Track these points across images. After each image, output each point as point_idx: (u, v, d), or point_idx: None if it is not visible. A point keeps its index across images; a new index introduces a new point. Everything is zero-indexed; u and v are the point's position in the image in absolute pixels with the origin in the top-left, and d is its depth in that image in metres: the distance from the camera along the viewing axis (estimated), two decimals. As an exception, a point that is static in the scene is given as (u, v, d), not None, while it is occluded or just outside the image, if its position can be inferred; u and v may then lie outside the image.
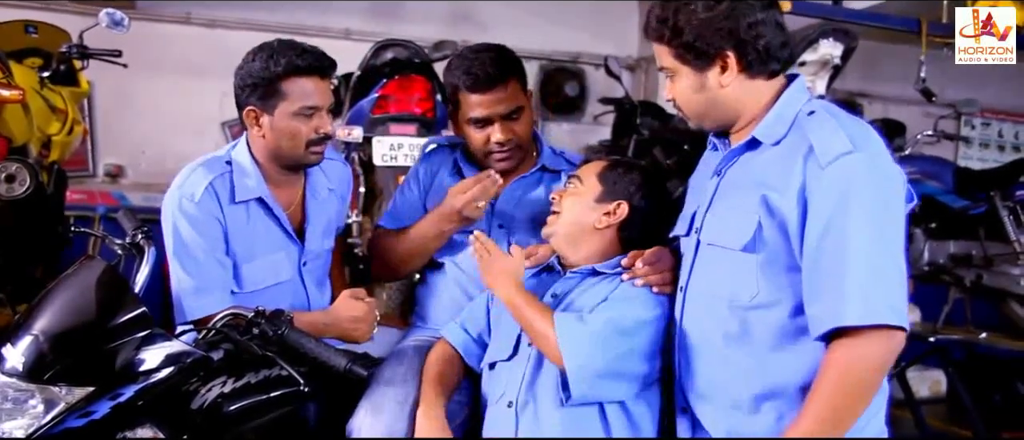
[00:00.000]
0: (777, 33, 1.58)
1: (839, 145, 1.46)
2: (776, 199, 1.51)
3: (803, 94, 1.62)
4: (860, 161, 1.45)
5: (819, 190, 1.46)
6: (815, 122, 1.53)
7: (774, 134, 1.58)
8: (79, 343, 1.60)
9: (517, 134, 2.10)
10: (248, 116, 2.04)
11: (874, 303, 1.41)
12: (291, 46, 2.01)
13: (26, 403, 1.54)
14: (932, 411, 4.55)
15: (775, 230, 1.52)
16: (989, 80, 6.06)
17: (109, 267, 1.76)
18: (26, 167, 3.01)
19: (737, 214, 1.58)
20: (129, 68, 3.58)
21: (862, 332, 1.41)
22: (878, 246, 1.43)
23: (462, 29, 5.35)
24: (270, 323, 1.76)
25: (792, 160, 1.50)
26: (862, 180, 1.44)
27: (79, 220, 3.78)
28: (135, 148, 5.10)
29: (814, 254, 1.46)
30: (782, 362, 1.54)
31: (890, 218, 1.46)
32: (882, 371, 1.47)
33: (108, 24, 3.27)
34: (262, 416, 1.78)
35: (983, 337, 3.72)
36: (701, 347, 1.65)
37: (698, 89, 1.61)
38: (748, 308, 1.56)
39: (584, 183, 1.87)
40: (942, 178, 3.94)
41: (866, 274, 1.42)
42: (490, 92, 2.05)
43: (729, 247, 1.58)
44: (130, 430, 1.58)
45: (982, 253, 3.77)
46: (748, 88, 1.60)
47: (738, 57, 1.57)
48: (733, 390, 1.59)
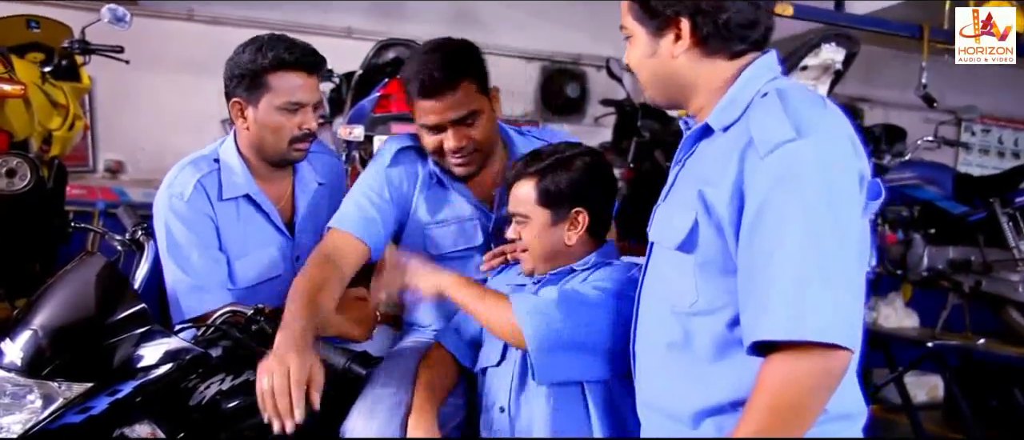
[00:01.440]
0: (746, 9, 1.40)
1: (780, 132, 1.26)
2: (712, 195, 1.34)
3: (767, 73, 1.41)
4: (803, 149, 1.24)
5: (754, 184, 1.27)
6: (760, 107, 1.34)
7: (725, 118, 1.40)
8: (78, 339, 1.61)
9: (473, 139, 1.96)
10: (234, 108, 2.06)
11: (802, 316, 1.20)
12: (281, 40, 2.03)
13: (24, 398, 1.54)
14: (929, 416, 4.57)
15: (711, 229, 1.35)
16: (990, 86, 6.07)
17: (109, 263, 1.77)
18: (27, 162, 3.00)
19: (677, 210, 1.42)
20: (131, 64, 3.57)
21: (794, 349, 1.21)
22: (815, 249, 1.22)
23: (464, 29, 5.31)
24: (269, 321, 1.76)
25: (733, 150, 1.32)
26: (804, 171, 1.24)
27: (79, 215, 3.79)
28: (135, 144, 5.09)
29: (745, 256, 1.29)
30: (723, 376, 1.36)
31: (836, 217, 1.24)
32: (818, 394, 1.24)
33: (110, 20, 3.27)
34: (260, 414, 1.78)
35: (981, 343, 3.71)
36: (647, 353, 1.52)
37: (649, 55, 1.46)
38: (689, 314, 1.39)
39: (530, 215, 1.79)
40: (942, 184, 3.94)
41: (796, 282, 1.21)
42: (438, 98, 1.91)
43: (667, 245, 1.43)
44: (128, 427, 1.59)
45: (981, 259, 3.76)
46: (703, 65, 1.42)
47: (692, 27, 1.39)
48: (674, 402, 1.44)
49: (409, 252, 2.06)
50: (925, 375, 4.93)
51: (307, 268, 1.87)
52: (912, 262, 4.02)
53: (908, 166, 4.13)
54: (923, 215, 4.03)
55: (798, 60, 3.67)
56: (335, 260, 1.91)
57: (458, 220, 2.08)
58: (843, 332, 1.21)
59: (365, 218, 1.99)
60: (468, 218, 2.08)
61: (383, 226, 2.01)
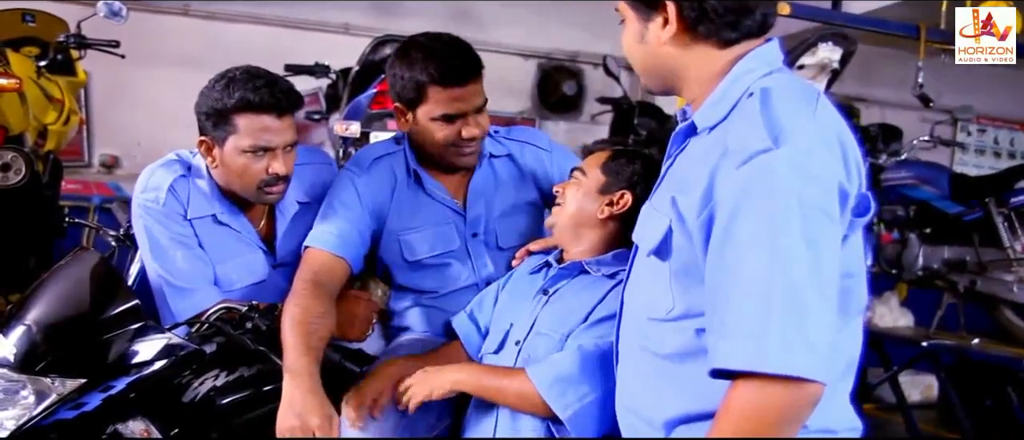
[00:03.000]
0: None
1: (756, 141, 1.17)
2: (683, 203, 1.27)
3: (762, 67, 1.32)
4: (779, 160, 1.15)
5: (724, 197, 1.19)
6: (742, 110, 1.25)
7: (711, 117, 1.32)
8: (72, 335, 1.60)
9: (483, 128, 1.99)
10: (200, 146, 1.95)
11: (764, 346, 1.11)
12: (253, 77, 1.89)
13: (17, 394, 1.54)
14: (923, 416, 4.58)
15: (684, 237, 1.27)
16: (986, 87, 6.08)
17: (103, 259, 1.76)
18: (22, 156, 3.00)
19: (655, 215, 1.36)
20: (126, 59, 3.57)
21: (759, 378, 1.12)
22: (782, 272, 1.12)
23: (460, 26, 5.33)
24: (263, 317, 1.76)
25: (708, 157, 1.24)
26: (776, 185, 1.14)
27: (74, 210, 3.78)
28: (131, 139, 5.08)
29: (711, 274, 1.20)
30: (697, 385, 1.25)
31: (808, 236, 1.13)
32: (785, 426, 1.14)
33: (106, 14, 3.26)
34: (254, 410, 1.78)
35: (976, 343, 3.72)
36: (626, 357, 1.48)
37: (639, 40, 1.39)
38: (664, 321, 1.33)
39: (587, 174, 1.83)
40: (937, 183, 3.95)
41: (759, 307, 1.12)
42: (466, 85, 1.92)
43: (644, 251, 1.38)
44: (122, 423, 1.59)
45: (976, 259, 3.77)
46: (692, 52, 1.34)
47: (678, 11, 1.31)
48: (648, 408, 1.40)
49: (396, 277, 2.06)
50: (920, 374, 4.94)
51: (296, 295, 1.80)
52: (907, 261, 4.03)
53: (904, 166, 4.13)
54: (919, 215, 4.03)
55: (795, 59, 3.67)
56: (322, 282, 1.86)
57: (433, 224, 2.05)
58: (810, 364, 1.12)
59: (342, 235, 1.94)
60: (443, 221, 2.06)
61: (360, 238, 1.98)
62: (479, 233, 2.06)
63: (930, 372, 4.61)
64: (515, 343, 1.79)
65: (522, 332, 1.79)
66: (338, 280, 1.92)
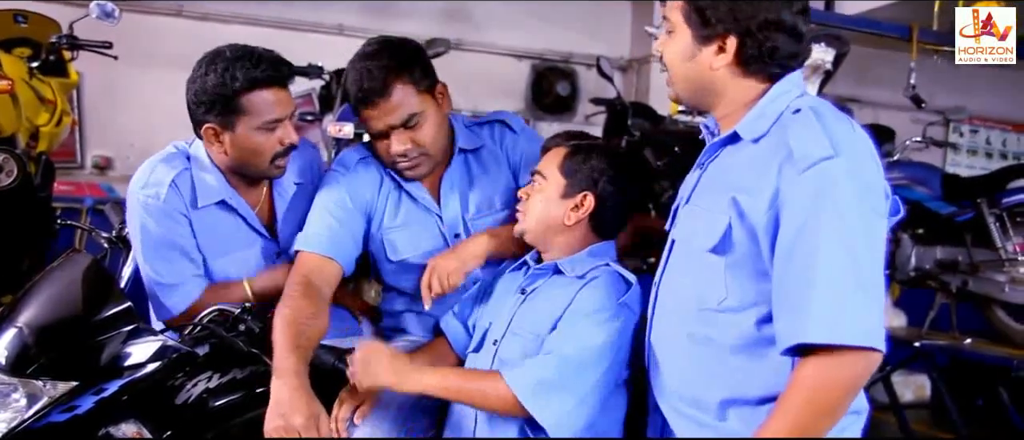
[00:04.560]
0: (791, 42, 1.47)
1: (819, 149, 1.34)
2: (747, 203, 1.42)
3: (795, 89, 1.49)
4: (840, 167, 1.33)
5: (793, 197, 1.35)
6: (798, 123, 1.40)
7: (755, 130, 1.47)
8: (64, 337, 1.60)
9: (418, 143, 1.94)
10: (207, 133, 1.94)
11: (843, 322, 1.30)
12: (246, 55, 1.90)
13: (9, 397, 1.54)
14: (916, 415, 4.59)
15: (744, 234, 1.43)
16: (978, 87, 6.10)
17: (95, 261, 1.76)
18: (14, 158, 2.99)
19: (708, 214, 1.49)
20: (119, 60, 3.56)
21: (832, 351, 1.30)
22: (851, 260, 1.31)
23: (455, 27, 5.34)
24: (256, 320, 1.76)
25: (769, 162, 1.40)
26: (840, 188, 1.33)
27: (66, 212, 3.77)
28: (123, 140, 5.07)
29: (783, 265, 1.36)
30: (750, 369, 1.46)
31: (867, 231, 1.34)
32: (852, 393, 1.35)
33: (99, 15, 3.25)
34: (247, 412, 1.78)
35: (968, 343, 3.73)
36: (669, 347, 1.58)
37: (688, 58, 1.51)
38: (716, 311, 1.47)
39: (547, 177, 1.80)
40: (930, 184, 3.96)
41: (836, 290, 1.30)
42: (373, 106, 1.90)
43: (697, 247, 1.49)
44: (114, 425, 1.58)
45: (968, 259, 3.78)
46: (738, 81, 1.50)
47: (739, 46, 1.46)
48: (699, 393, 1.52)
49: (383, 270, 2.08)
50: (912, 374, 4.96)
51: (287, 297, 1.80)
52: (900, 262, 4.03)
53: (896, 166, 4.14)
54: (911, 215, 4.04)
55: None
56: (314, 283, 1.86)
57: (415, 223, 2.05)
58: (878, 335, 1.31)
59: (332, 236, 1.95)
60: (425, 221, 2.06)
61: (351, 239, 1.99)
62: (461, 233, 2.06)
63: (923, 372, 4.63)
64: (493, 343, 1.79)
65: (499, 331, 1.79)
66: (330, 282, 1.92)
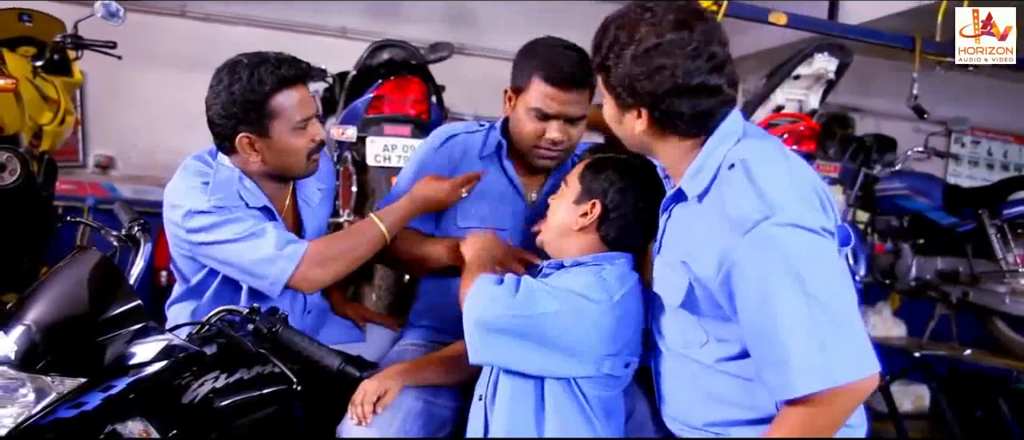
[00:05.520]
0: (703, 100, 1.50)
1: (753, 211, 1.39)
2: (698, 268, 1.50)
3: (730, 136, 1.54)
4: (776, 225, 1.37)
5: (739, 261, 1.40)
6: (731, 183, 1.46)
7: (696, 187, 1.54)
8: (72, 334, 1.59)
9: (571, 138, 2.07)
10: (241, 143, 1.92)
11: (828, 368, 1.33)
12: (265, 59, 1.90)
13: (17, 392, 1.53)
14: (915, 426, 4.58)
15: (703, 292, 1.51)
16: (980, 99, 6.13)
17: (105, 258, 1.75)
18: (17, 156, 3.00)
19: (672, 272, 1.57)
20: (123, 60, 3.57)
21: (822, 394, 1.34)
22: (814, 306, 1.34)
23: (458, 31, 5.34)
24: (264, 320, 1.75)
25: (713, 226, 1.46)
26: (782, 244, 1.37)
27: (68, 211, 3.77)
28: (126, 140, 5.08)
29: (751, 328, 1.41)
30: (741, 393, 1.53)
31: (822, 277, 1.37)
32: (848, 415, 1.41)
33: (103, 15, 3.26)
34: (253, 413, 1.77)
35: (967, 354, 3.74)
36: (665, 364, 1.68)
37: (617, 122, 1.62)
38: (701, 349, 1.58)
39: (569, 185, 1.84)
40: (931, 194, 3.97)
41: (810, 339, 1.33)
42: (568, 92, 2.00)
43: (671, 301, 1.60)
44: (121, 423, 1.57)
45: (969, 270, 3.79)
46: (662, 143, 1.59)
47: (649, 115, 1.54)
48: (694, 413, 1.61)
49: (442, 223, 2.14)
50: (911, 384, 4.95)
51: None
52: (900, 272, 4.05)
53: (898, 176, 4.16)
54: (912, 225, 4.06)
55: (791, 69, 3.69)
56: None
57: (495, 198, 2.12)
58: (867, 361, 1.35)
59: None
60: (506, 200, 2.13)
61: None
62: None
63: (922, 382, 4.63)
64: None
65: None
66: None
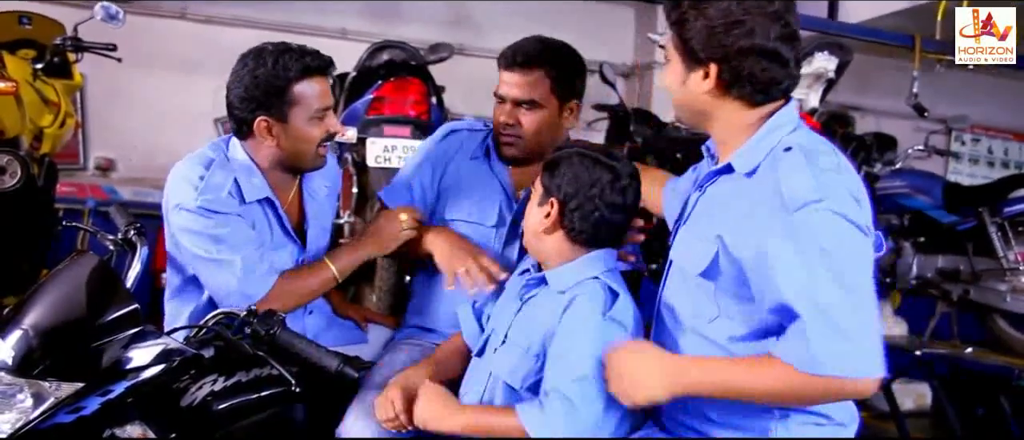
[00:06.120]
0: (773, 67, 1.51)
1: (808, 191, 1.41)
2: (732, 241, 1.49)
3: (788, 123, 1.55)
4: (828, 210, 1.40)
5: (784, 237, 1.41)
6: (788, 163, 1.47)
7: (747, 164, 1.54)
8: (70, 338, 1.59)
9: (521, 124, 2.07)
10: (259, 127, 1.95)
11: (849, 357, 1.36)
12: (290, 48, 1.94)
13: (15, 397, 1.53)
14: (916, 424, 4.58)
15: (730, 265, 1.51)
16: (980, 97, 6.11)
17: (102, 262, 1.75)
18: (17, 159, 3.00)
19: (699, 242, 1.57)
20: (123, 62, 3.57)
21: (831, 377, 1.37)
22: (849, 301, 1.37)
23: (458, 32, 5.35)
24: (262, 322, 1.75)
25: (758, 201, 1.47)
26: (826, 229, 1.40)
27: (68, 213, 3.77)
28: (127, 142, 5.08)
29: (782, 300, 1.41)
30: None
31: (859, 271, 1.41)
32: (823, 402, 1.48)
33: (103, 17, 3.26)
34: (251, 415, 1.78)
35: (969, 352, 3.74)
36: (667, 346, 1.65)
37: (680, 83, 1.59)
38: (709, 324, 1.57)
39: (535, 188, 1.83)
40: (932, 193, 3.97)
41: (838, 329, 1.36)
42: (510, 71, 2.05)
43: (690, 270, 1.58)
44: (119, 427, 1.57)
45: (969, 268, 3.79)
46: (726, 106, 1.56)
47: (718, 74, 1.52)
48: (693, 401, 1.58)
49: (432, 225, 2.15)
50: (912, 383, 4.94)
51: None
52: (901, 270, 4.05)
53: (898, 175, 4.15)
54: (913, 224, 4.06)
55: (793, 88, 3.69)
56: None
57: (481, 195, 2.14)
58: (880, 363, 1.37)
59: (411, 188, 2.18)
60: (492, 196, 2.14)
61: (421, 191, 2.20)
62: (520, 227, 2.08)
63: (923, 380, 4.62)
64: (493, 350, 1.80)
65: (499, 340, 1.80)
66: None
